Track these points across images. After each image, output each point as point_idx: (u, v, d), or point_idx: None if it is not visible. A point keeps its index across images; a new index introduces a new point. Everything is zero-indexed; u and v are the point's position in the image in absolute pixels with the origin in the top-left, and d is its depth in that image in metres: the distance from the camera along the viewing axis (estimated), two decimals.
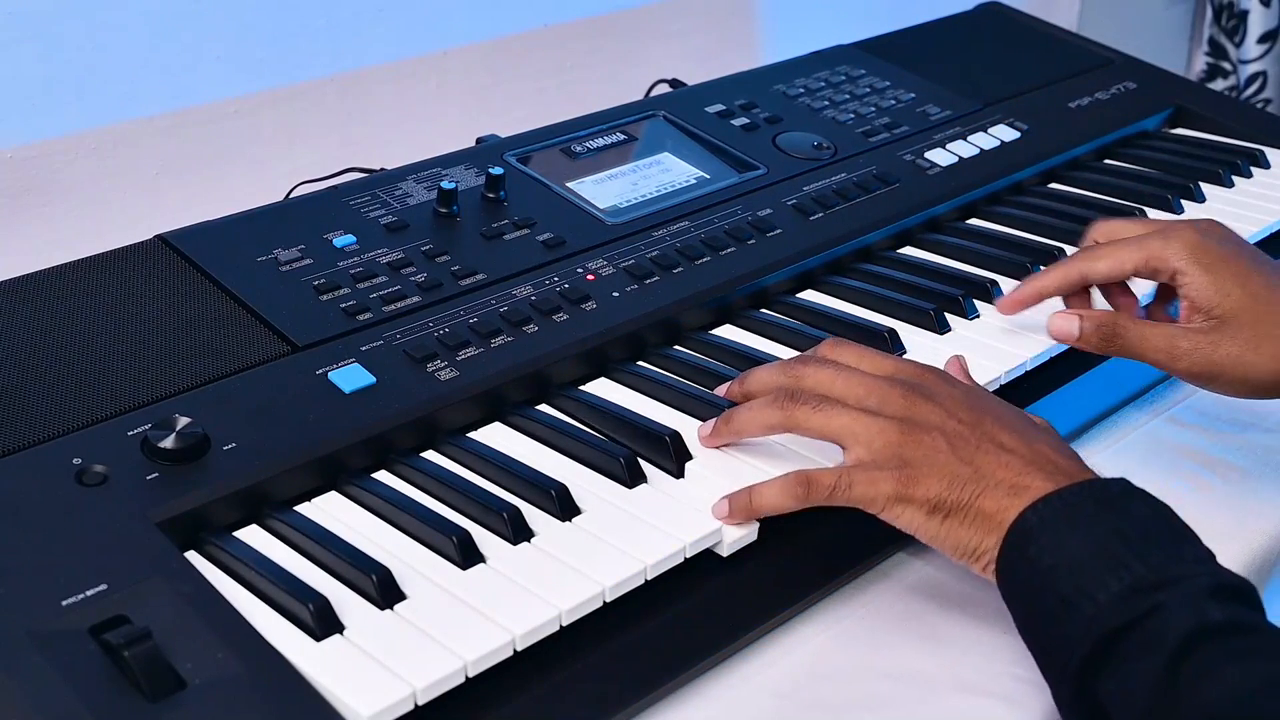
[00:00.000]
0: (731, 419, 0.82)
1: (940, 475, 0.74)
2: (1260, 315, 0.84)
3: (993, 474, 0.74)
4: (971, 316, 0.99)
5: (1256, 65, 2.26)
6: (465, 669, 0.67)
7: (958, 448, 0.75)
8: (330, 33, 1.30)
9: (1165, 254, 0.88)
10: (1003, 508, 0.73)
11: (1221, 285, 0.86)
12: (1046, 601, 0.69)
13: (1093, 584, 0.68)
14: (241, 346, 0.86)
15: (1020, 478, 0.74)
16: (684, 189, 1.09)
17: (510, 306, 0.92)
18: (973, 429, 0.76)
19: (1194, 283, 0.86)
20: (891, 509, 0.75)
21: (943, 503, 0.74)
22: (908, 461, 0.75)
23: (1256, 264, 0.87)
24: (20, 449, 0.76)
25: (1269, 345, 0.84)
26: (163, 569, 0.69)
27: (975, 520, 0.74)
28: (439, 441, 0.84)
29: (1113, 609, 0.67)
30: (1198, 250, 0.87)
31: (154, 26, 1.19)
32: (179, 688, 0.63)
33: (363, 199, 1.01)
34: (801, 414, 0.79)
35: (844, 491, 0.76)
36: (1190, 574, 0.67)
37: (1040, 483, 0.73)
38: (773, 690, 0.74)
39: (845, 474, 0.76)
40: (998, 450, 0.75)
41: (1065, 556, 0.69)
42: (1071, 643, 0.68)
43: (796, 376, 0.82)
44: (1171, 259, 0.87)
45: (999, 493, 0.73)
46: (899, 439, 0.76)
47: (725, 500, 0.78)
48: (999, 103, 1.30)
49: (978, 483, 0.74)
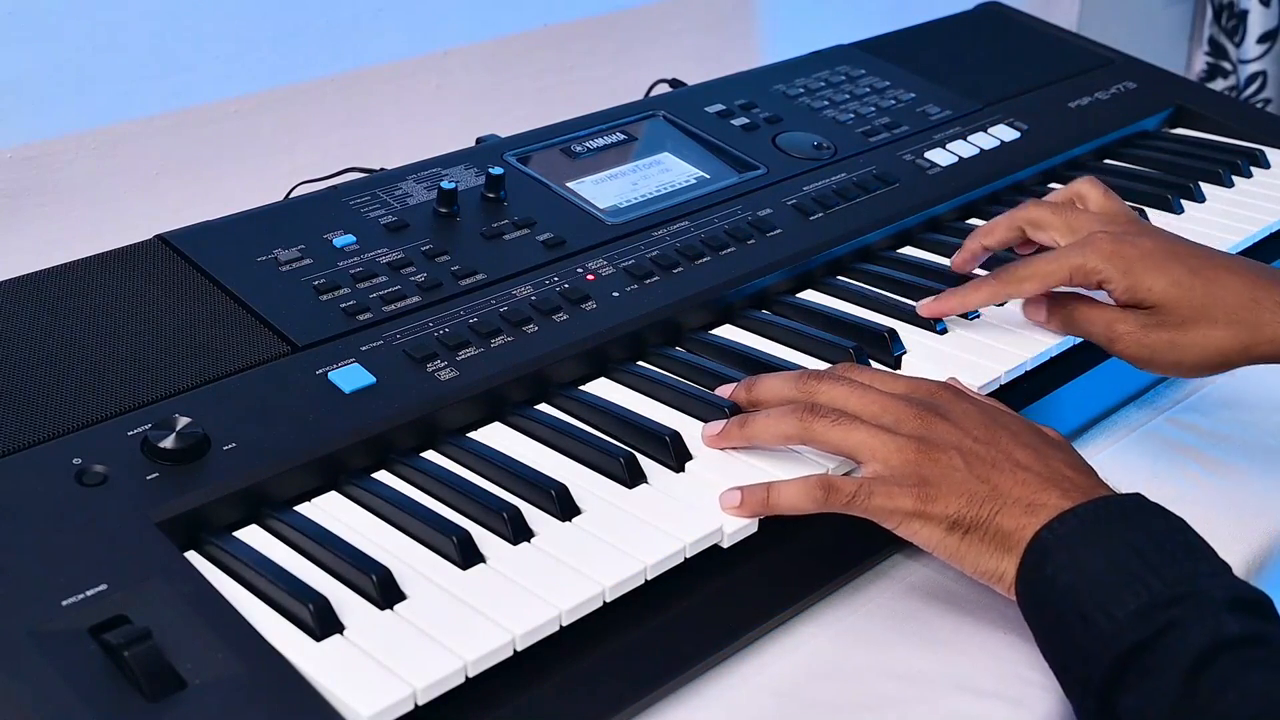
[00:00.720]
0: (746, 425, 0.82)
1: (958, 493, 0.75)
2: (1183, 301, 0.88)
3: (1010, 492, 0.75)
4: (971, 317, 0.99)
5: (1256, 65, 2.27)
6: (465, 669, 0.67)
7: (974, 466, 0.76)
8: (330, 33, 1.30)
9: (1085, 266, 0.91)
10: (1020, 525, 0.73)
11: (1142, 282, 0.89)
12: (1065, 619, 0.70)
13: (1110, 601, 0.68)
14: (241, 346, 0.86)
15: (1037, 495, 0.74)
16: (684, 189, 1.09)
17: (510, 306, 0.92)
18: (989, 447, 0.77)
19: (1117, 285, 0.90)
20: (909, 525, 0.76)
21: (961, 520, 0.75)
22: (926, 479, 0.76)
23: (1174, 254, 0.90)
24: (20, 449, 0.76)
25: (1195, 329, 0.87)
26: (163, 569, 0.69)
27: (993, 538, 0.74)
28: (439, 441, 0.84)
29: (1131, 626, 0.67)
30: (1113, 256, 0.90)
31: (154, 26, 1.19)
32: (179, 688, 0.63)
33: (363, 199, 1.01)
34: (820, 426, 0.79)
35: (863, 501, 0.76)
36: (1206, 588, 0.68)
37: (1056, 500, 0.74)
38: (773, 690, 0.74)
39: (866, 484, 0.76)
40: (1014, 468, 0.76)
41: (1082, 574, 0.70)
42: (1091, 660, 0.68)
43: (810, 392, 0.82)
44: (1090, 270, 0.91)
45: (1016, 510, 0.74)
46: (916, 457, 0.76)
47: (737, 491, 0.78)
48: (999, 103, 1.30)
49: (995, 500, 0.74)
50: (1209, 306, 0.87)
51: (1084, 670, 0.69)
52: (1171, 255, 0.90)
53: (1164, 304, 0.88)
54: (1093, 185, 1.00)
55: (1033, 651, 0.76)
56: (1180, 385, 1.02)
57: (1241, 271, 0.89)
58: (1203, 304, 0.87)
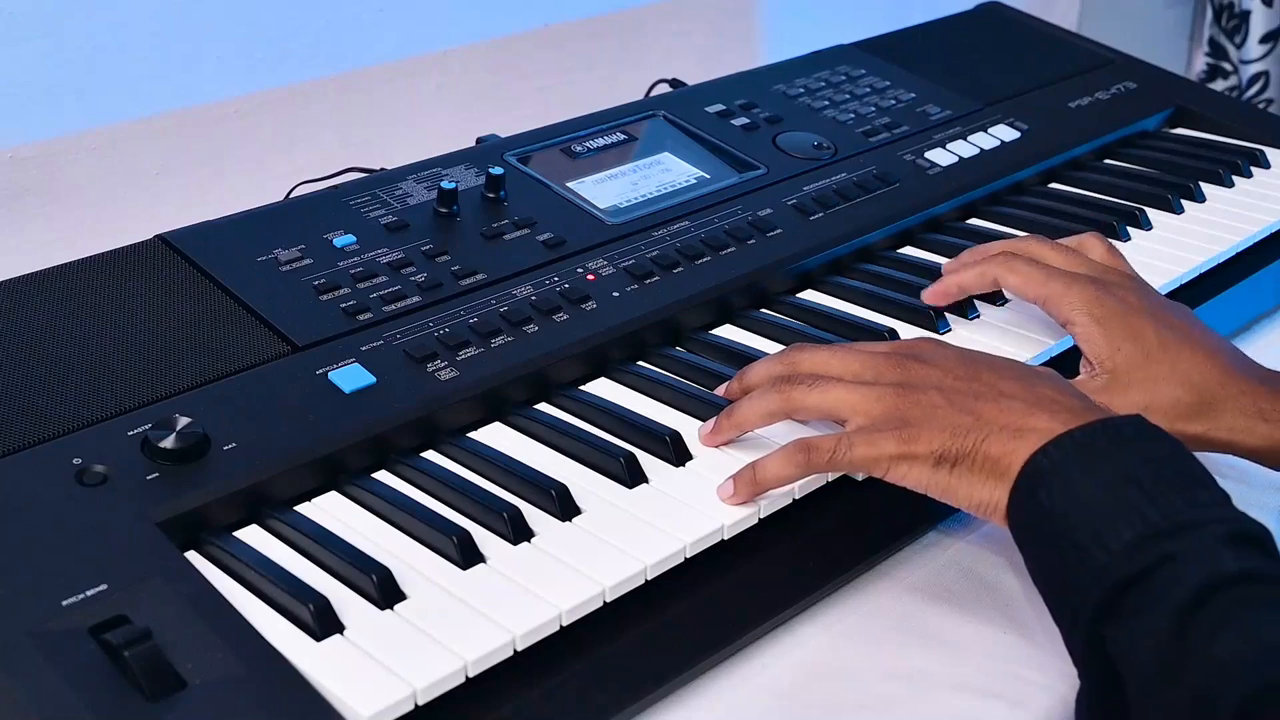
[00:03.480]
0: (732, 413, 0.82)
1: (941, 428, 0.74)
2: (1149, 369, 0.85)
3: (994, 419, 0.74)
4: (971, 316, 0.99)
5: (1259, 65, 2.26)
6: (465, 669, 0.67)
7: (955, 401, 0.75)
8: (330, 33, 1.30)
9: (1062, 303, 0.89)
10: (1008, 451, 0.72)
11: (1112, 339, 0.86)
12: (1058, 548, 0.68)
13: (1105, 531, 0.67)
14: (241, 346, 0.86)
15: (1024, 420, 0.73)
16: (684, 189, 1.09)
17: (510, 306, 0.92)
18: (970, 381, 0.77)
19: (1085, 335, 0.87)
20: (896, 468, 0.75)
21: (947, 453, 0.74)
22: (907, 420, 0.75)
23: (1154, 318, 0.87)
24: (20, 449, 0.76)
25: (1163, 391, 0.84)
26: (163, 569, 0.69)
27: (982, 467, 0.73)
28: (439, 441, 0.84)
29: (1125, 557, 0.66)
30: (1092, 304, 0.87)
31: (154, 26, 1.19)
32: (179, 688, 0.63)
33: (363, 199, 1.01)
34: (798, 394, 0.79)
35: (845, 454, 0.76)
36: (1205, 520, 0.66)
37: (1046, 423, 0.72)
38: (773, 690, 0.74)
39: (845, 438, 0.76)
40: (997, 397, 0.75)
41: (1076, 502, 0.68)
42: (1083, 591, 0.67)
43: (792, 363, 0.83)
44: (1066, 309, 0.88)
45: (1003, 437, 0.73)
46: (896, 402, 0.76)
47: (729, 480, 0.78)
48: (999, 103, 1.30)
49: (980, 430, 0.73)
50: (1168, 376, 0.84)
51: (1075, 602, 0.67)
52: (1150, 320, 0.87)
53: (1128, 370, 0.85)
54: (1098, 240, 0.97)
55: (1033, 651, 0.76)
56: None
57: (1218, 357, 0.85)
58: (1160, 372, 0.84)
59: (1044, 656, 0.76)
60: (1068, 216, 1.14)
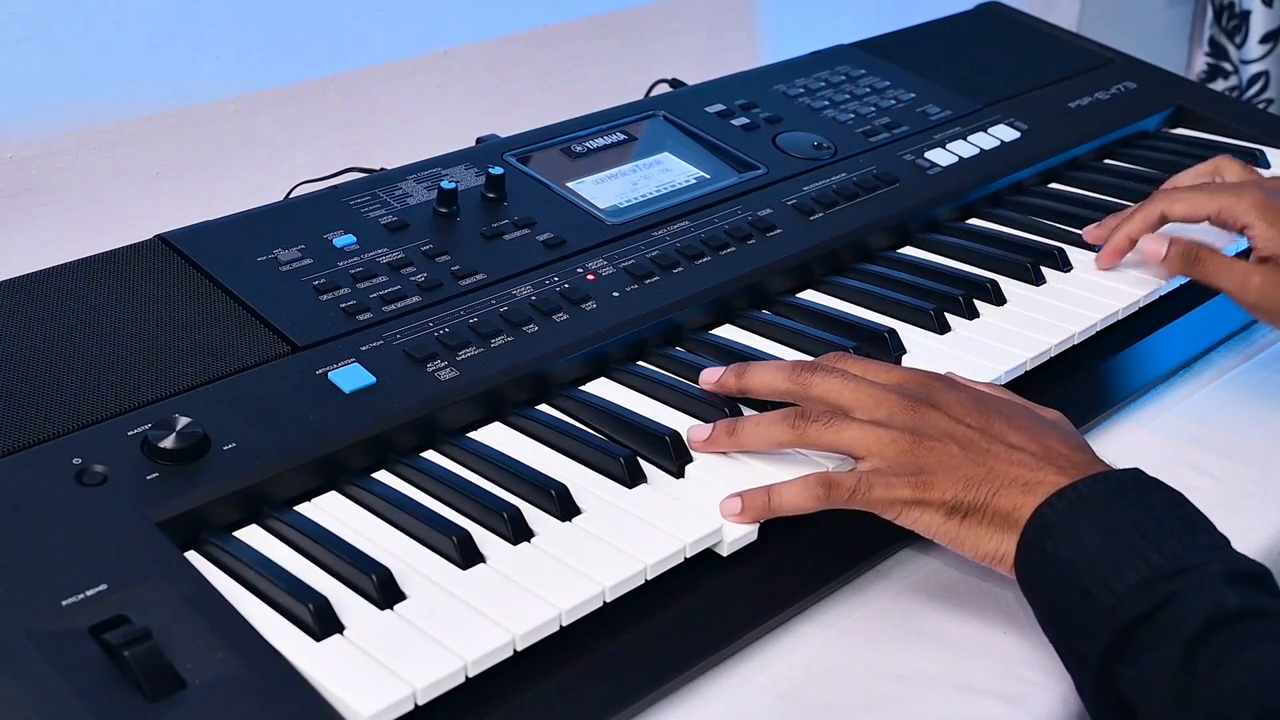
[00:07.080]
0: (736, 432, 0.82)
1: (954, 478, 0.76)
2: None
3: (1005, 473, 0.75)
4: (971, 316, 0.99)
5: (1259, 65, 2.26)
6: (465, 669, 0.67)
7: (969, 451, 0.77)
8: (330, 33, 1.30)
9: (1235, 208, 0.99)
10: (1018, 505, 0.74)
11: None
12: (1065, 594, 0.70)
13: (1110, 576, 0.69)
14: (241, 346, 0.86)
15: (1033, 474, 0.75)
16: (684, 189, 1.09)
17: (510, 306, 0.92)
18: (982, 432, 0.78)
19: (1260, 235, 0.98)
20: (909, 513, 0.76)
21: (959, 504, 0.75)
22: (922, 468, 0.76)
23: None
24: (20, 449, 0.76)
25: None
26: (163, 569, 0.69)
27: (992, 520, 0.75)
28: (439, 441, 0.84)
29: (1131, 600, 0.68)
30: (1263, 207, 0.98)
31: (154, 26, 1.19)
32: (179, 688, 0.63)
33: (363, 199, 1.01)
34: (813, 431, 0.80)
35: (864, 494, 0.77)
36: (1205, 561, 0.68)
37: (1053, 477, 0.74)
38: (774, 690, 0.74)
39: (865, 478, 0.77)
40: (1008, 450, 0.76)
41: (1082, 549, 0.70)
42: (1091, 635, 0.69)
43: (804, 384, 0.82)
44: (1240, 214, 0.99)
45: (1013, 490, 0.75)
46: (911, 447, 0.77)
47: (737, 498, 0.78)
48: (999, 103, 1.30)
49: (991, 482, 0.75)
50: None
51: (1084, 645, 0.69)
52: None
53: None
54: (1230, 160, 1.08)
55: (1033, 651, 0.76)
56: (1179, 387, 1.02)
57: None
58: None
59: (1044, 656, 0.76)
60: (1067, 217, 1.14)
